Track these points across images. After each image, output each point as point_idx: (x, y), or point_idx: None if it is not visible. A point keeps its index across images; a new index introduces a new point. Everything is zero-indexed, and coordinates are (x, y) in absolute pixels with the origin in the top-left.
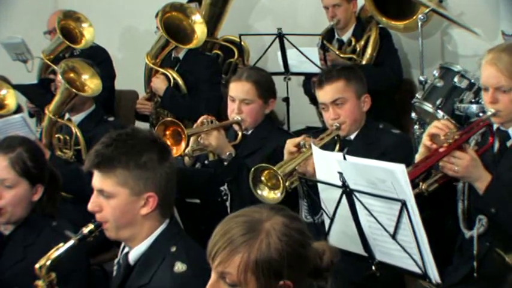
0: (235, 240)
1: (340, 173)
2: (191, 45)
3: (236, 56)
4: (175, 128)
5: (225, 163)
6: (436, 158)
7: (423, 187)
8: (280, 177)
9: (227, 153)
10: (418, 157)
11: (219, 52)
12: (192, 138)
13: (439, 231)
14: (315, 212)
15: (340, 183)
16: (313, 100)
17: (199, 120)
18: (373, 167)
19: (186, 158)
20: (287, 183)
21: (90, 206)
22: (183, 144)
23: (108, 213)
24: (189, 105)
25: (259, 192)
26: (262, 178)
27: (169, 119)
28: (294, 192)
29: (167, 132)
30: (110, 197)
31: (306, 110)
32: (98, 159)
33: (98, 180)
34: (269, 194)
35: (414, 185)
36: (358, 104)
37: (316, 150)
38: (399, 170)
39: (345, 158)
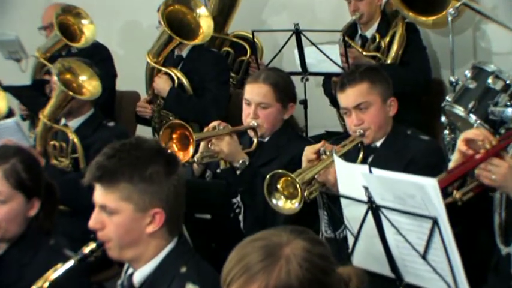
0: (252, 267)
1: (366, 188)
2: (196, 41)
3: (248, 54)
4: (183, 132)
5: (238, 172)
6: (472, 164)
7: (457, 196)
8: (298, 186)
9: (240, 161)
10: (452, 164)
11: (229, 49)
12: (202, 144)
13: (473, 246)
14: (335, 226)
15: (365, 199)
16: (334, 102)
17: (210, 125)
18: (402, 181)
19: (195, 165)
20: (306, 193)
21: (91, 223)
22: (190, 149)
23: (111, 231)
24: (195, 107)
25: (274, 201)
26: (279, 186)
27: (177, 121)
28: (313, 202)
29: (174, 136)
30: (113, 213)
31: (325, 112)
32: (100, 172)
33: (99, 195)
34: (285, 204)
35: (447, 193)
36: (383, 108)
37: (338, 161)
38: (430, 185)
39: (370, 171)
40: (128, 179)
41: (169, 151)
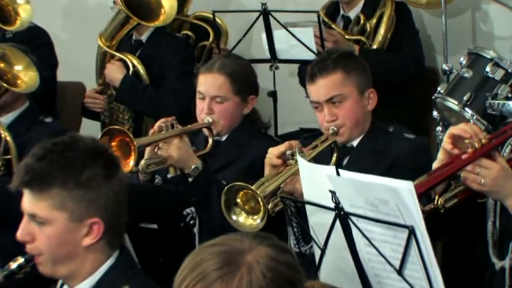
0: (209, 274)
1: (333, 192)
2: (156, 23)
3: (211, 39)
4: (123, 138)
5: (190, 179)
6: (458, 166)
7: (439, 202)
8: (260, 200)
9: (192, 167)
10: (435, 164)
11: (189, 33)
12: (147, 149)
13: (467, 260)
14: (305, 241)
15: (332, 205)
16: None
17: (155, 125)
18: (373, 184)
19: (140, 175)
20: (269, 206)
21: (20, 235)
22: (131, 159)
23: (42, 244)
24: (152, 99)
25: (234, 218)
26: (238, 200)
27: (115, 127)
28: (281, 214)
29: (113, 144)
30: (44, 223)
31: (299, 106)
32: (29, 176)
33: (28, 202)
34: (246, 221)
35: (428, 198)
36: (360, 101)
37: (301, 162)
38: (405, 189)
39: (338, 173)
40: (61, 184)
41: (108, 151)
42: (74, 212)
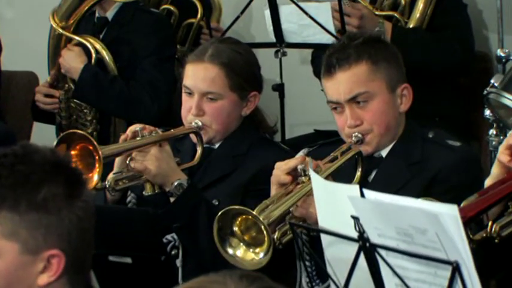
0: None
1: (356, 218)
2: None
3: (199, 15)
4: (85, 145)
5: (172, 199)
6: None
7: (493, 229)
8: (263, 228)
9: (174, 183)
10: (489, 181)
11: (171, 8)
12: (117, 160)
13: None
14: (321, 279)
15: (355, 235)
16: None
17: (129, 130)
18: (407, 208)
19: (108, 193)
20: (276, 235)
21: None
22: (96, 172)
23: None
24: (121, 95)
25: (230, 251)
26: (235, 228)
27: (75, 131)
28: (290, 246)
29: (72, 153)
30: None
31: (313, 102)
32: None
33: None
34: (246, 255)
35: (479, 224)
36: (391, 100)
37: (316, 179)
38: (448, 214)
39: (362, 194)
40: (11, 206)
41: (71, 165)
42: (28, 242)
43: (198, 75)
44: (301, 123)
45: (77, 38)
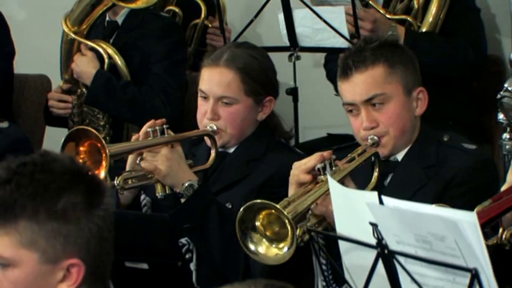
0: None
1: (374, 225)
2: (138, 4)
3: (202, 15)
4: (93, 143)
5: (182, 200)
6: None
7: (504, 236)
8: (288, 222)
9: (185, 184)
10: (504, 186)
11: (175, 9)
12: (129, 159)
13: None
14: (338, 283)
15: (373, 241)
16: None
17: (141, 131)
18: (426, 215)
19: (119, 194)
20: (298, 232)
21: None
22: (102, 169)
23: None
24: (134, 100)
25: (252, 247)
26: (258, 224)
27: (83, 127)
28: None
29: (81, 149)
30: (8, 265)
31: (326, 106)
32: None
33: None
34: (269, 250)
35: (494, 229)
36: (407, 103)
37: (333, 185)
38: (467, 221)
39: (381, 201)
40: (31, 215)
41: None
42: (47, 251)
43: (213, 79)
44: (314, 126)
45: (89, 43)
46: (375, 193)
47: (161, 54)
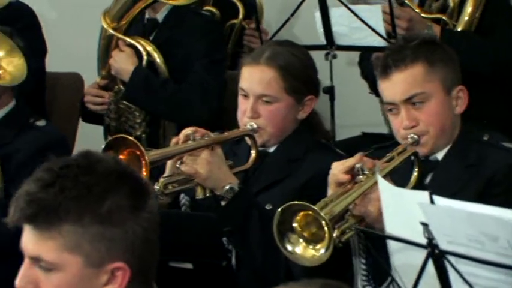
0: None
1: (425, 225)
2: (180, 1)
3: (240, 16)
4: (132, 150)
5: (223, 202)
6: None
7: None
8: (325, 224)
9: (226, 187)
10: None
11: (213, 9)
12: (169, 164)
13: None
14: (380, 279)
15: (424, 241)
16: (376, 88)
17: (181, 134)
18: (478, 215)
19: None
20: (335, 233)
21: (20, 283)
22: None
23: None
24: (172, 97)
25: (289, 247)
26: (295, 225)
27: (122, 136)
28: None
29: (121, 157)
30: (52, 269)
31: (360, 104)
32: (33, 209)
33: (31, 241)
34: (306, 251)
35: None
36: (447, 102)
37: (383, 184)
38: None
39: (432, 200)
40: (75, 219)
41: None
42: (91, 255)
43: (254, 77)
44: (349, 124)
45: (128, 39)
46: (426, 193)
47: (202, 52)
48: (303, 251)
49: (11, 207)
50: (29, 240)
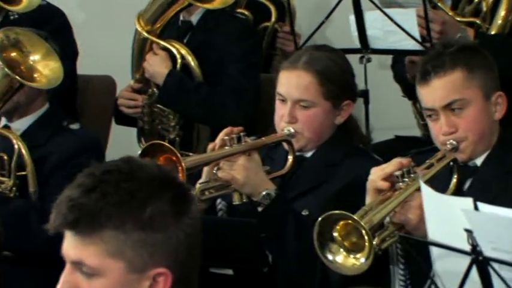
0: None
1: (469, 231)
2: (214, 5)
3: (273, 19)
4: (168, 156)
5: (260, 208)
6: None
7: None
8: (365, 233)
9: (263, 193)
10: None
11: (245, 12)
12: (205, 169)
13: None
14: (418, 286)
15: (468, 248)
16: (408, 91)
17: (218, 139)
18: None
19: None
20: (375, 241)
21: None
22: None
23: None
24: (206, 101)
25: (330, 257)
26: (335, 234)
27: (159, 142)
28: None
29: (152, 160)
30: (94, 274)
31: (393, 107)
32: (74, 215)
33: (73, 247)
34: (346, 260)
35: None
36: (486, 108)
37: (426, 191)
38: None
39: (476, 207)
40: (117, 225)
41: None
42: (134, 261)
43: (291, 82)
44: (382, 127)
45: (162, 42)
46: (470, 199)
47: (237, 55)
48: (344, 260)
49: (52, 213)
50: (71, 246)
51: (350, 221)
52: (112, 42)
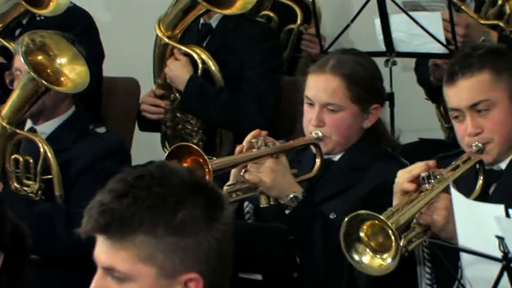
0: None
1: (501, 238)
2: (233, 10)
3: (299, 21)
4: (195, 158)
5: (287, 211)
6: None
7: None
8: (391, 233)
9: (290, 196)
10: None
11: (270, 14)
12: (233, 172)
13: None
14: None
15: (499, 254)
16: (432, 94)
17: (245, 141)
18: None
19: None
20: (402, 242)
21: None
22: None
23: None
24: (228, 106)
25: (356, 257)
26: (362, 234)
27: (186, 144)
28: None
29: (184, 165)
30: (125, 279)
31: (417, 110)
32: (106, 219)
33: (104, 251)
34: (373, 261)
35: None
36: None
37: (457, 197)
38: None
39: (508, 214)
40: (149, 229)
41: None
42: (165, 266)
43: (319, 86)
44: (406, 130)
45: (183, 48)
46: (502, 206)
47: (257, 60)
48: (370, 260)
49: (84, 217)
50: (102, 251)
51: (377, 222)
52: (136, 44)
